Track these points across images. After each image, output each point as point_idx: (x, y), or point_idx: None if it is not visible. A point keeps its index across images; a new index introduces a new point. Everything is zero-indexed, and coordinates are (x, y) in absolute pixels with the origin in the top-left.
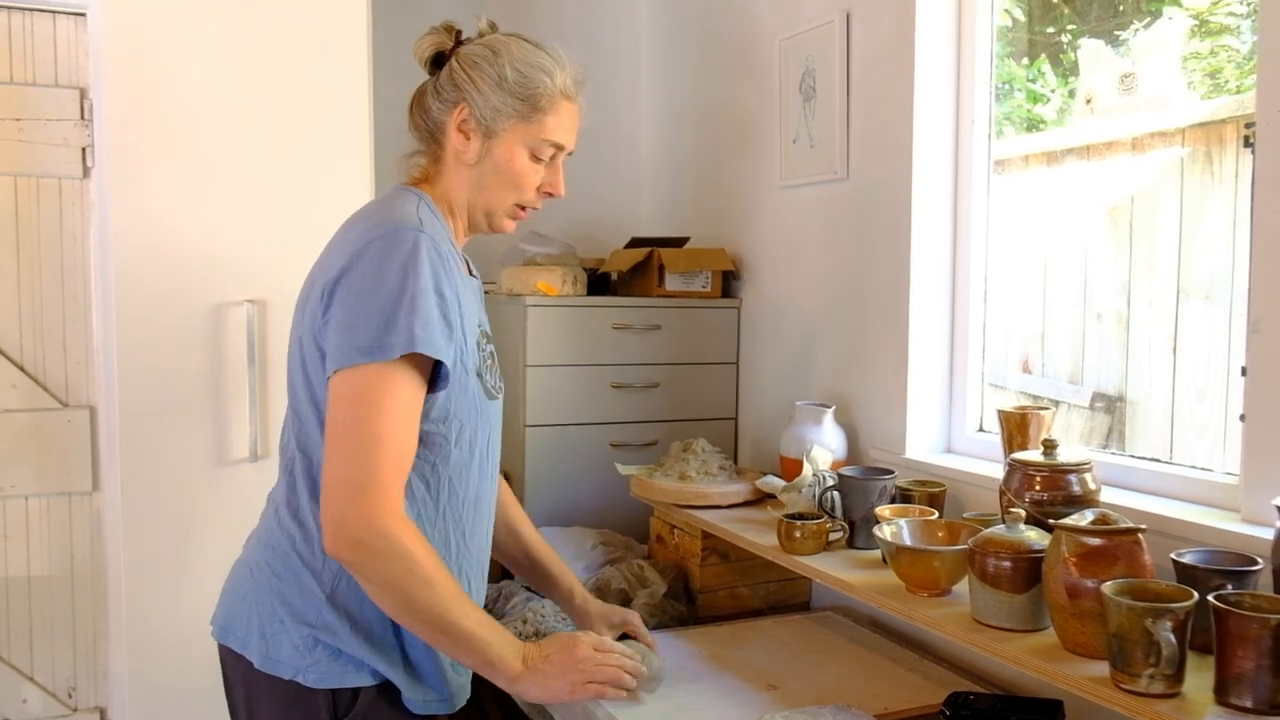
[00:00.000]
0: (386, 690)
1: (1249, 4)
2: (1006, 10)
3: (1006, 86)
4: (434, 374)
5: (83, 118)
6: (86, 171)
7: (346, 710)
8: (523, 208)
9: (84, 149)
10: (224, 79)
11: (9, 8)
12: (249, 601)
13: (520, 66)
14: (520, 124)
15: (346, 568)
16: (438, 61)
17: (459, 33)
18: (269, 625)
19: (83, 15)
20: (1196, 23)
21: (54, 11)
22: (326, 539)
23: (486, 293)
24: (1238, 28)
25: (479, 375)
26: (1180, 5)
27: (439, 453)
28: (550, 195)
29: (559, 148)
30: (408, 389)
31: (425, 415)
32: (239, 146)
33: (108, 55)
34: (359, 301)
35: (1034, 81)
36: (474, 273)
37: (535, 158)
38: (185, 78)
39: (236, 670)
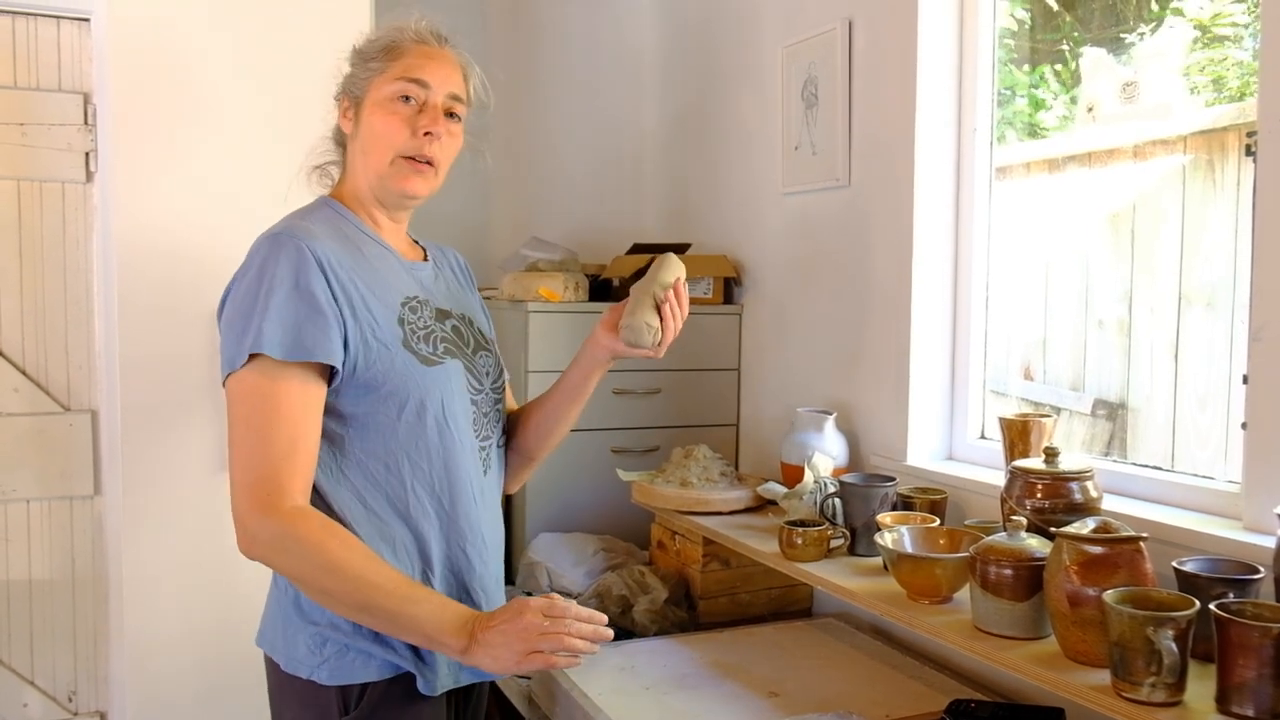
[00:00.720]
0: (397, 684)
1: (1251, 13)
2: (1011, 14)
3: (1009, 92)
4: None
5: (86, 122)
6: (89, 176)
7: (355, 705)
8: (411, 159)
9: (87, 153)
10: (227, 84)
11: (13, 12)
12: (275, 607)
13: (371, 35)
14: (379, 78)
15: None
16: None
17: None
18: (289, 628)
19: (86, 20)
20: (1199, 33)
21: (58, 16)
22: (238, 543)
23: (488, 298)
24: (1239, 37)
25: (407, 347)
26: (1182, 14)
27: (387, 430)
28: (428, 135)
29: (421, 84)
30: (286, 383)
31: (357, 399)
32: (241, 151)
33: (111, 60)
34: (229, 315)
35: (1036, 88)
36: (430, 257)
37: (401, 99)
38: (188, 82)
39: (270, 673)
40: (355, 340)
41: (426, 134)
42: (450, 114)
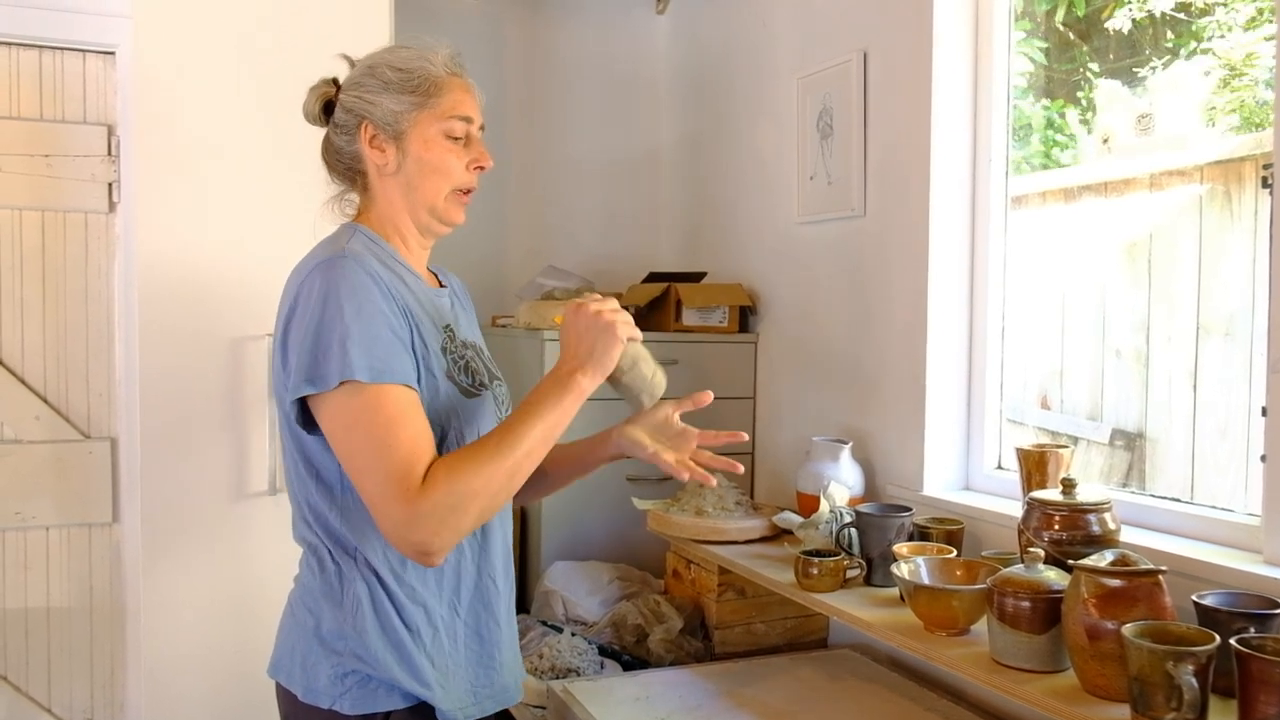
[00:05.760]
0: (418, 712)
1: None
2: (1027, 55)
3: (1026, 129)
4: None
5: (110, 153)
6: (112, 206)
7: None
8: (463, 191)
9: (110, 184)
10: (248, 116)
11: (41, 46)
12: (292, 638)
13: (398, 64)
14: (422, 113)
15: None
16: (328, 109)
17: (336, 79)
18: (308, 658)
19: (112, 54)
20: (1228, 71)
21: (84, 50)
22: (413, 549)
23: (503, 326)
24: (1266, 80)
25: (450, 378)
26: (1213, 54)
27: None
28: (481, 169)
29: (467, 120)
30: (386, 392)
31: None
32: (263, 182)
33: (135, 93)
34: (309, 337)
35: (1052, 127)
36: (444, 284)
37: (450, 137)
38: (211, 115)
39: (285, 704)
40: (420, 366)
41: (479, 168)
42: None
